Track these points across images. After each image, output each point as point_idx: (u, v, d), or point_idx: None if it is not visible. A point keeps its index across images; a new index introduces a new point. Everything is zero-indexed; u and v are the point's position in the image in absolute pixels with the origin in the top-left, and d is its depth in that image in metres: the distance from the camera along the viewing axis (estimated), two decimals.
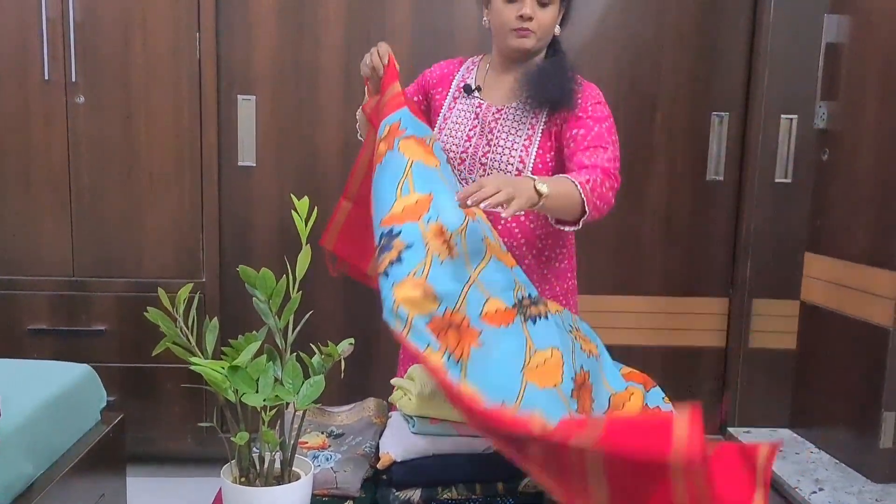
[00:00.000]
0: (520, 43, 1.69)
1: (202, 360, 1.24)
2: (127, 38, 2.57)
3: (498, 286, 1.48)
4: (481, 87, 1.78)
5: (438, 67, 1.87)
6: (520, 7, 1.66)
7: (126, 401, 2.64)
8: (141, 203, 2.66)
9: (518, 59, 1.74)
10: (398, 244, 1.45)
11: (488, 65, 1.82)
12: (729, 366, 2.87)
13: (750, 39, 2.73)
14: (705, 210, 2.82)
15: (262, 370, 1.25)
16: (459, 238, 1.48)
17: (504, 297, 1.47)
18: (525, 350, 1.42)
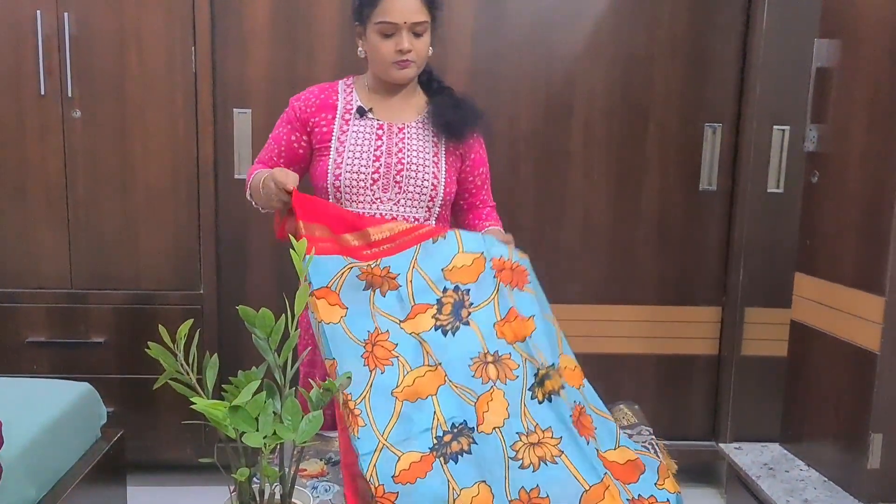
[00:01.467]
0: (402, 75, 1.77)
1: (203, 400, 1.26)
2: (122, 52, 2.58)
3: (410, 435, 1.47)
4: (372, 109, 1.81)
5: (311, 94, 1.86)
6: (398, 42, 1.73)
7: (125, 412, 2.67)
8: (138, 216, 2.68)
9: (398, 85, 1.82)
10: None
11: (367, 87, 1.86)
12: (721, 374, 2.90)
13: (742, 50, 2.74)
14: (698, 219, 2.85)
15: (262, 408, 1.28)
16: (364, 404, 1.49)
17: (419, 444, 1.47)
18: (448, 495, 1.42)
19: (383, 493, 1.40)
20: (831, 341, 1.85)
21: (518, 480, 1.45)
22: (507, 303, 1.63)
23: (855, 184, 1.78)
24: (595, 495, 1.44)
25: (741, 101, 2.77)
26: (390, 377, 1.53)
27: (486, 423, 1.49)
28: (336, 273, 1.60)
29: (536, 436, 1.50)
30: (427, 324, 1.60)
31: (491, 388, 1.53)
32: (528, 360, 1.56)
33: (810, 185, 1.92)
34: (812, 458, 1.94)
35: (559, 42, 2.72)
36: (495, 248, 1.68)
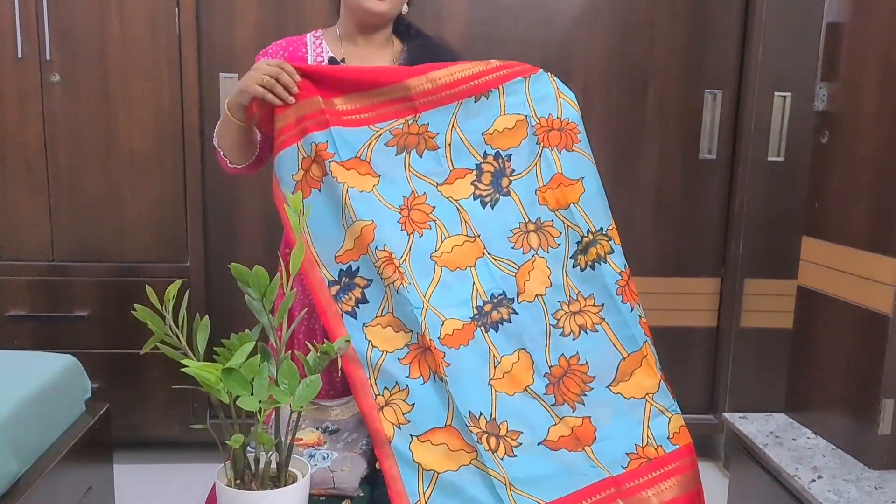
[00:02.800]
0: (377, 6, 1.65)
1: (195, 363, 1.19)
2: (103, 14, 2.47)
3: (451, 303, 1.48)
4: (345, 59, 1.73)
5: (277, 48, 1.76)
6: None
7: (110, 387, 2.59)
8: (121, 185, 2.58)
9: (372, 25, 1.72)
10: (360, 282, 1.49)
11: (339, 36, 1.77)
12: (720, 346, 2.86)
13: (744, 16, 2.68)
14: (698, 188, 2.80)
15: (257, 371, 1.21)
16: (406, 265, 1.48)
17: (460, 312, 1.48)
18: (489, 362, 1.46)
19: (435, 348, 1.42)
20: (841, 306, 1.80)
21: (558, 347, 1.49)
22: (551, 168, 1.57)
23: (867, 143, 1.72)
24: (632, 363, 1.50)
25: (742, 68, 2.70)
26: (428, 241, 1.51)
27: (528, 292, 1.50)
28: (364, 143, 1.55)
29: (578, 304, 1.52)
30: (466, 191, 1.56)
31: (533, 256, 1.53)
32: (570, 228, 1.54)
33: (820, 146, 1.86)
34: (820, 426, 1.89)
35: (557, 6, 2.64)
36: (544, 104, 1.60)
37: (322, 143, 1.52)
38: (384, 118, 1.57)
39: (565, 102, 1.61)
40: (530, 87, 1.61)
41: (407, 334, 1.45)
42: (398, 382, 1.42)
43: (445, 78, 1.57)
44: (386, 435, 1.37)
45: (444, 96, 1.57)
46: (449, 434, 1.39)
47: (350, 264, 1.50)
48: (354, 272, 1.49)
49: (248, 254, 2.67)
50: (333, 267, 1.50)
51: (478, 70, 1.60)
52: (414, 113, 1.57)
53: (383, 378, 1.42)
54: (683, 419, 1.51)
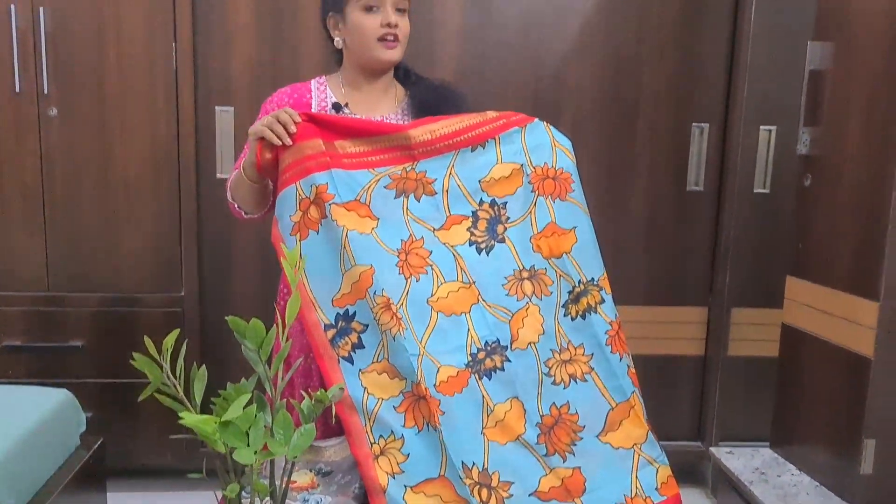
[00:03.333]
0: (389, 54, 1.70)
1: (192, 415, 1.22)
2: (101, 48, 2.51)
3: (447, 350, 1.50)
4: (348, 104, 1.77)
5: (283, 95, 1.81)
6: (383, 16, 1.67)
7: (104, 416, 2.61)
8: (117, 216, 2.61)
9: (379, 71, 1.76)
10: (357, 326, 1.51)
11: (341, 83, 1.81)
12: (708, 373, 2.90)
13: (730, 51, 2.74)
14: (685, 219, 2.84)
15: (253, 421, 1.24)
16: (403, 310, 1.51)
17: (455, 359, 1.50)
18: (482, 410, 1.49)
19: (431, 396, 1.45)
20: (824, 346, 1.85)
21: (550, 396, 1.52)
22: (545, 217, 1.62)
23: (849, 188, 1.77)
24: (621, 413, 1.54)
25: (728, 102, 2.76)
26: (425, 286, 1.54)
27: (521, 340, 1.54)
28: (363, 185, 1.58)
29: (569, 353, 1.56)
30: (462, 237, 1.59)
31: (527, 304, 1.57)
32: (562, 277, 1.59)
33: (803, 189, 1.91)
34: (804, 463, 1.94)
35: (547, 41, 2.69)
36: (539, 153, 1.64)
37: (322, 185, 1.55)
38: (384, 163, 1.61)
39: (560, 151, 1.65)
40: (526, 136, 1.65)
41: (402, 381, 1.47)
42: (393, 431, 1.45)
43: (444, 129, 1.61)
44: (380, 484, 1.40)
45: (441, 146, 1.61)
46: (442, 485, 1.42)
47: (347, 308, 1.52)
48: (351, 317, 1.52)
49: (242, 285, 2.70)
50: (330, 311, 1.52)
51: (475, 122, 1.64)
52: (412, 161, 1.61)
53: (379, 426, 1.45)
54: (669, 468, 1.54)
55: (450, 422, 1.45)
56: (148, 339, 1.30)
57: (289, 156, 1.57)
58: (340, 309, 1.52)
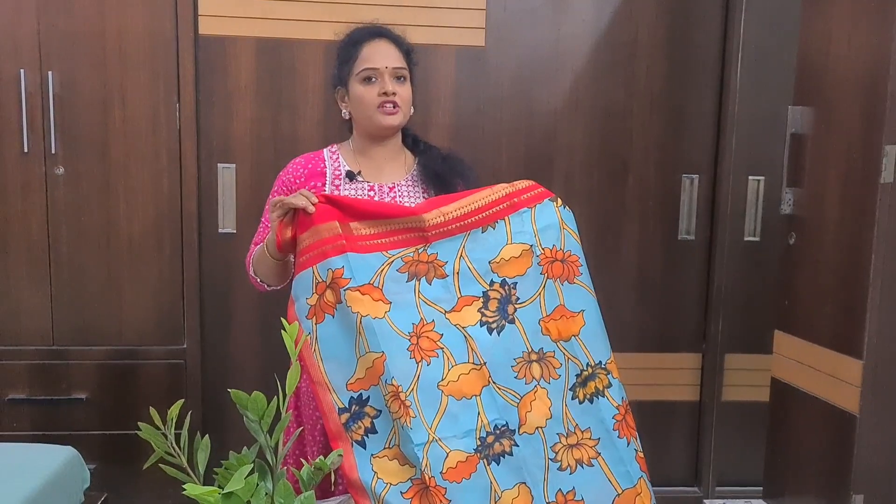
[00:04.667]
0: (389, 120, 1.77)
1: (196, 486, 1.26)
2: (106, 110, 2.59)
3: (456, 434, 1.51)
4: (361, 172, 1.83)
5: (297, 165, 1.85)
6: (381, 86, 1.76)
7: (107, 469, 2.64)
8: (121, 271, 2.67)
9: (385, 137, 1.83)
10: (370, 411, 1.53)
11: (353, 150, 1.87)
12: (703, 419, 2.94)
13: (717, 104, 2.82)
14: (677, 267, 2.90)
15: (255, 491, 1.28)
16: (413, 396, 1.52)
17: (464, 444, 1.51)
18: (489, 497, 1.49)
19: (435, 485, 1.45)
20: (811, 400, 1.89)
21: (556, 482, 1.53)
22: (554, 299, 1.63)
23: (831, 248, 1.83)
24: (627, 499, 1.54)
25: (717, 153, 2.84)
26: (436, 369, 1.55)
27: (529, 424, 1.54)
28: (377, 269, 1.60)
29: (576, 436, 1.56)
30: (473, 318, 1.60)
31: (535, 387, 1.57)
32: (570, 360, 1.59)
33: (788, 247, 1.97)
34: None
35: (539, 97, 2.78)
36: (548, 234, 1.66)
37: (339, 269, 1.58)
38: (397, 245, 1.63)
39: (568, 234, 1.68)
40: (536, 216, 1.67)
41: (412, 468, 1.48)
42: None
43: (456, 211, 1.65)
44: None
45: (453, 228, 1.64)
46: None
47: (361, 393, 1.54)
48: (365, 401, 1.54)
49: (243, 338, 2.75)
50: (344, 394, 1.54)
51: (486, 202, 1.67)
52: (425, 242, 1.63)
53: None
54: None
55: None
56: (153, 409, 1.34)
57: (307, 238, 1.61)
58: (354, 393, 1.54)
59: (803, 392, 1.92)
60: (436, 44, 2.69)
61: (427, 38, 2.68)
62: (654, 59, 2.79)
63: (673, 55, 2.79)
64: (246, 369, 2.74)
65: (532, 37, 2.75)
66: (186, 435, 1.35)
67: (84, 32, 2.55)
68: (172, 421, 1.36)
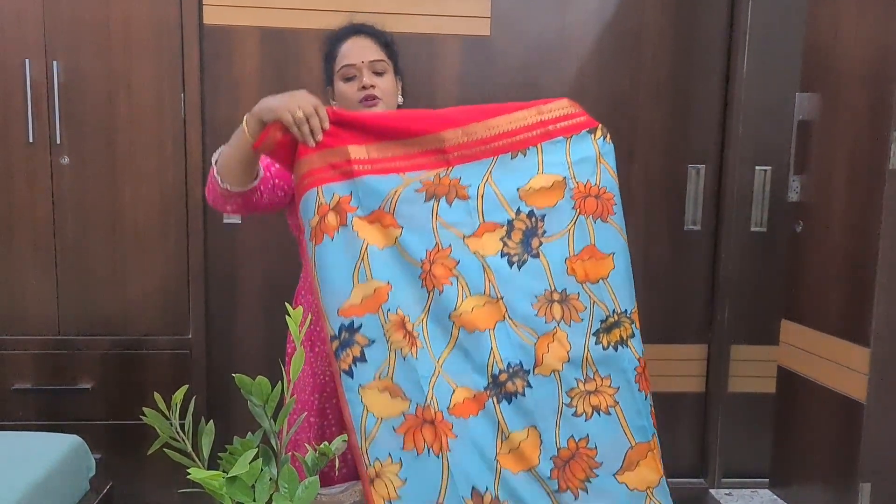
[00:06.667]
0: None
1: (200, 470, 1.26)
2: (111, 99, 2.58)
3: (465, 371, 1.45)
4: None
5: None
6: (360, 81, 1.77)
7: (113, 458, 2.64)
8: (126, 261, 2.67)
9: None
10: (360, 339, 1.43)
11: None
12: (709, 411, 2.93)
13: (723, 93, 2.80)
14: (683, 258, 2.89)
15: (259, 475, 1.28)
16: (421, 327, 1.44)
17: (473, 381, 1.44)
18: (497, 436, 1.43)
19: (442, 419, 1.40)
20: (818, 389, 1.88)
21: (569, 428, 1.46)
22: (584, 238, 1.52)
23: (838, 235, 1.82)
24: (639, 453, 1.48)
25: (723, 143, 2.82)
26: (449, 298, 1.45)
27: (545, 366, 1.46)
28: (390, 191, 1.48)
29: (595, 383, 1.48)
30: (493, 247, 1.49)
31: (555, 328, 1.48)
32: (595, 304, 1.50)
33: (794, 235, 1.96)
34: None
35: (545, 86, 2.76)
36: (583, 168, 1.55)
37: (345, 196, 1.48)
38: (415, 168, 1.51)
39: (605, 170, 1.57)
40: (571, 147, 1.55)
41: (405, 402, 1.41)
42: (391, 454, 1.39)
43: (482, 132, 1.53)
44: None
45: (478, 151, 1.52)
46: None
47: (353, 320, 1.44)
48: (356, 329, 1.44)
49: (249, 327, 2.75)
50: (335, 320, 1.45)
51: (517, 127, 1.55)
52: (447, 166, 1.52)
53: (375, 448, 1.39)
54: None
55: (462, 446, 1.39)
56: (158, 395, 1.35)
57: (312, 161, 1.49)
58: (346, 320, 1.44)
59: (810, 380, 1.91)
60: (441, 33, 2.68)
61: (432, 27, 2.67)
62: (659, 47, 2.77)
63: (679, 43, 2.78)
64: (251, 358, 2.74)
65: (537, 25, 2.73)
66: (191, 420, 1.35)
67: (89, 21, 2.54)
68: (177, 406, 1.36)
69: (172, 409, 1.38)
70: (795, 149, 1.95)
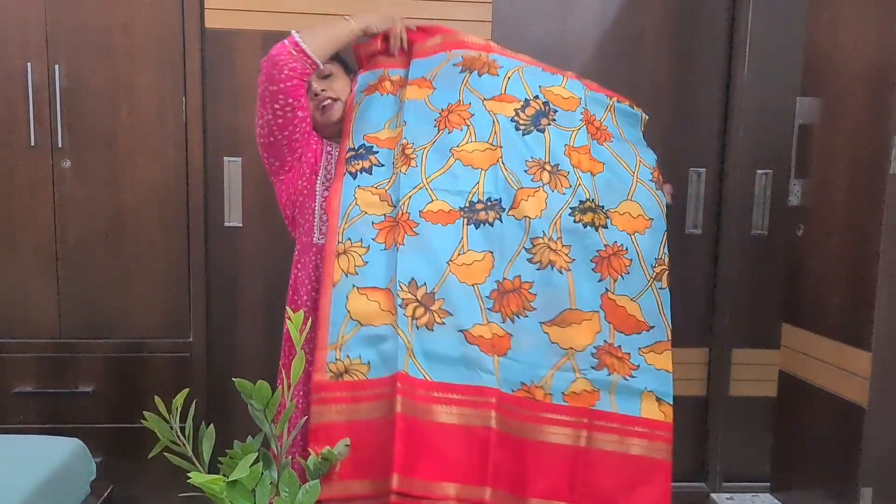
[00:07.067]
0: (329, 116, 1.84)
1: (201, 475, 1.26)
2: (113, 103, 2.59)
3: (447, 190, 1.65)
4: None
5: None
6: (313, 92, 1.82)
7: (113, 461, 2.65)
8: (128, 264, 2.67)
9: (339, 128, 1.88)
10: (373, 159, 1.69)
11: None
12: (710, 414, 2.93)
13: (724, 98, 2.81)
14: (684, 262, 2.88)
15: (259, 480, 1.28)
16: (421, 153, 1.66)
17: (452, 199, 1.64)
18: (457, 247, 1.62)
19: (407, 219, 1.61)
20: (819, 393, 1.88)
21: (521, 268, 1.62)
22: (583, 139, 1.73)
23: (839, 239, 1.82)
24: (574, 317, 1.60)
25: (724, 147, 2.82)
26: (455, 138, 1.69)
27: (519, 210, 1.63)
28: (435, 66, 1.79)
29: (557, 244, 1.64)
30: (507, 110, 1.72)
31: (539, 186, 1.66)
32: (580, 187, 1.67)
33: (795, 238, 1.96)
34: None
35: None
36: (594, 106, 1.80)
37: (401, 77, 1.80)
38: (461, 46, 1.82)
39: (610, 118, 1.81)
40: (590, 94, 1.80)
41: (389, 207, 1.63)
42: (363, 239, 1.61)
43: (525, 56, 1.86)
44: (333, 279, 1.58)
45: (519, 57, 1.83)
46: (385, 296, 1.58)
47: (373, 146, 1.71)
48: (373, 152, 1.70)
49: (249, 331, 2.76)
50: (359, 140, 1.72)
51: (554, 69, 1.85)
52: (488, 51, 1.81)
53: (351, 230, 1.62)
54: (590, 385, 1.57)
55: (416, 242, 1.60)
56: (158, 398, 1.35)
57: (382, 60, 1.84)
58: (367, 143, 1.71)
59: (811, 384, 1.91)
60: None
61: None
62: (660, 51, 2.77)
63: (679, 48, 2.78)
64: (252, 363, 2.74)
65: (538, 30, 2.74)
66: (191, 424, 1.35)
67: (91, 26, 2.55)
68: (177, 409, 1.37)
69: (173, 412, 1.38)
70: (796, 152, 1.95)
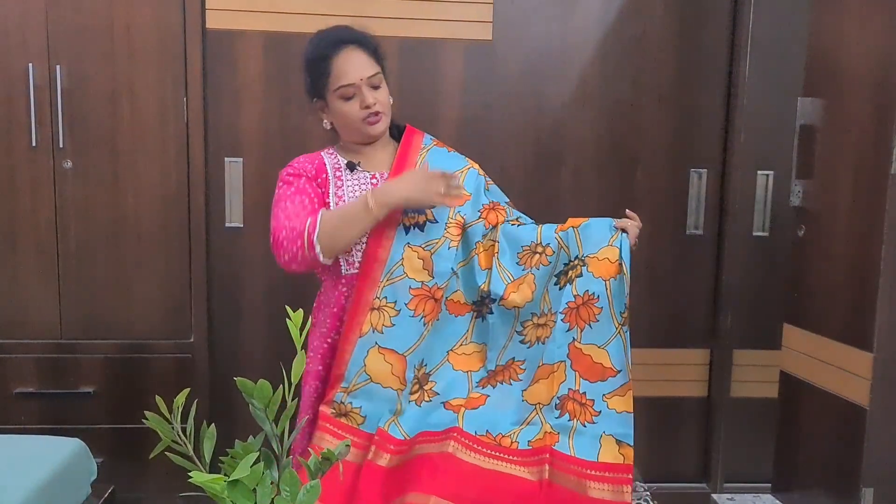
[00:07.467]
0: (376, 129, 1.80)
1: (202, 474, 1.26)
2: (114, 104, 2.59)
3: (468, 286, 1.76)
4: (360, 162, 1.85)
5: (300, 161, 1.84)
6: (361, 100, 1.76)
7: (115, 462, 2.65)
8: (129, 265, 2.67)
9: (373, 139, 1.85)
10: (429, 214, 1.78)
11: (346, 150, 1.87)
12: (711, 415, 2.93)
13: (726, 99, 2.81)
14: (686, 263, 2.89)
15: (260, 479, 1.28)
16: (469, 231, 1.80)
17: (468, 293, 1.76)
18: (461, 338, 1.75)
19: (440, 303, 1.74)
20: (820, 394, 1.88)
21: (513, 351, 1.73)
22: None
23: (841, 239, 1.82)
24: (542, 373, 1.67)
25: (726, 148, 2.82)
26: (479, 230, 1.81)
27: (509, 301, 1.73)
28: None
29: (545, 318, 1.70)
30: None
31: (526, 273, 1.75)
32: (562, 249, 1.72)
33: (797, 239, 1.95)
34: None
35: (548, 91, 2.77)
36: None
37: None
38: None
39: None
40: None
41: (430, 277, 1.72)
42: (397, 301, 1.70)
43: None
44: (361, 331, 1.68)
45: None
46: (399, 361, 1.69)
47: None
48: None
49: (250, 331, 2.76)
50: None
51: None
52: None
53: (390, 290, 1.70)
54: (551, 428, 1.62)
55: (437, 327, 1.72)
56: (160, 398, 1.34)
57: None
58: None
59: (813, 385, 1.91)
60: (443, 38, 2.69)
61: (434, 32, 2.68)
62: (662, 52, 2.77)
63: (681, 49, 2.78)
64: (253, 363, 2.74)
65: (540, 30, 2.74)
66: (192, 423, 1.35)
67: (92, 26, 2.56)
68: (178, 409, 1.36)
69: (174, 412, 1.37)
70: (798, 153, 1.94)
